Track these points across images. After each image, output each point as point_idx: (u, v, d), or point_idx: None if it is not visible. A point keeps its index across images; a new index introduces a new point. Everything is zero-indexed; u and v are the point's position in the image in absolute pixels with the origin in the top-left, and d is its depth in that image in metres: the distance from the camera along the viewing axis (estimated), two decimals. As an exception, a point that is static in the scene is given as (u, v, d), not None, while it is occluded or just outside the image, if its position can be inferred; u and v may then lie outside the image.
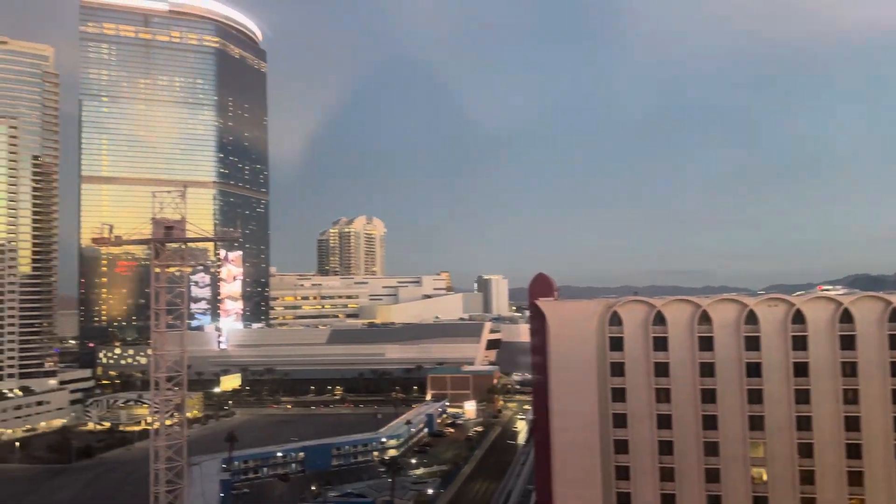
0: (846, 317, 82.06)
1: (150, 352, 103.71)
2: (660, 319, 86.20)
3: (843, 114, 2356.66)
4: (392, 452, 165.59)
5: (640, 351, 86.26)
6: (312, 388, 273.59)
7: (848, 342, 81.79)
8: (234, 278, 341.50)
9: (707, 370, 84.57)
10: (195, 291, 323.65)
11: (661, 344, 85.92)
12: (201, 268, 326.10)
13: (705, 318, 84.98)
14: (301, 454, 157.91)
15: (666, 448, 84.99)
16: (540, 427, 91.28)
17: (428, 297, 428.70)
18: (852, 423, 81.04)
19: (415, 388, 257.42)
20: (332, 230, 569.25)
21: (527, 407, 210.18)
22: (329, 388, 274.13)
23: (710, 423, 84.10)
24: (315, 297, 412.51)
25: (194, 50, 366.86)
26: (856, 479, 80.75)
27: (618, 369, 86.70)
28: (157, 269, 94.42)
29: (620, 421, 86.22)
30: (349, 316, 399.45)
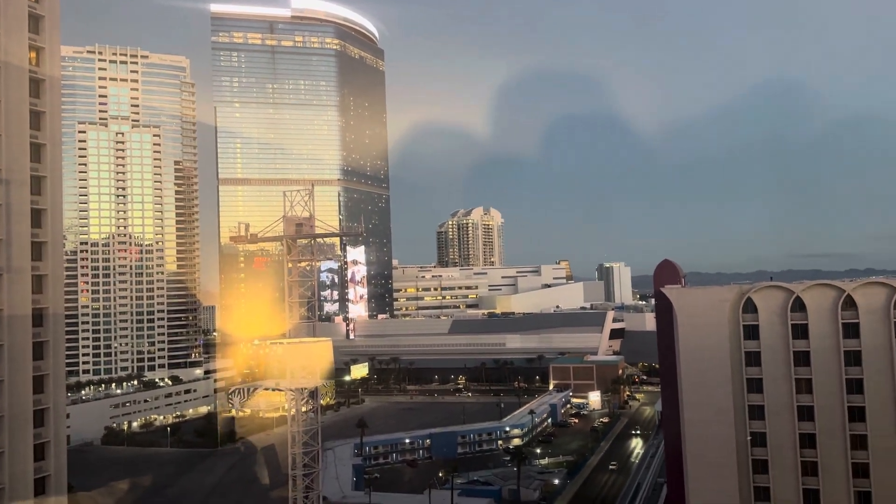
0: None
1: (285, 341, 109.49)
2: (799, 306, 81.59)
3: None
4: (516, 442, 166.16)
5: (777, 339, 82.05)
6: (436, 377, 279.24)
7: None
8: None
9: (853, 359, 79.24)
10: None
11: (800, 332, 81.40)
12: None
13: (850, 304, 79.58)
14: (428, 441, 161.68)
15: (808, 441, 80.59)
16: (670, 419, 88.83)
17: (548, 286, 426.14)
18: None
19: (537, 377, 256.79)
20: (450, 222, 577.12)
21: (654, 398, 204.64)
22: (452, 377, 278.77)
23: (857, 414, 78.78)
24: (436, 289, 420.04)
25: (316, 53, 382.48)
26: None
27: (753, 359, 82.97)
28: (290, 265, 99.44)
29: (757, 413, 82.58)
30: (469, 306, 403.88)
